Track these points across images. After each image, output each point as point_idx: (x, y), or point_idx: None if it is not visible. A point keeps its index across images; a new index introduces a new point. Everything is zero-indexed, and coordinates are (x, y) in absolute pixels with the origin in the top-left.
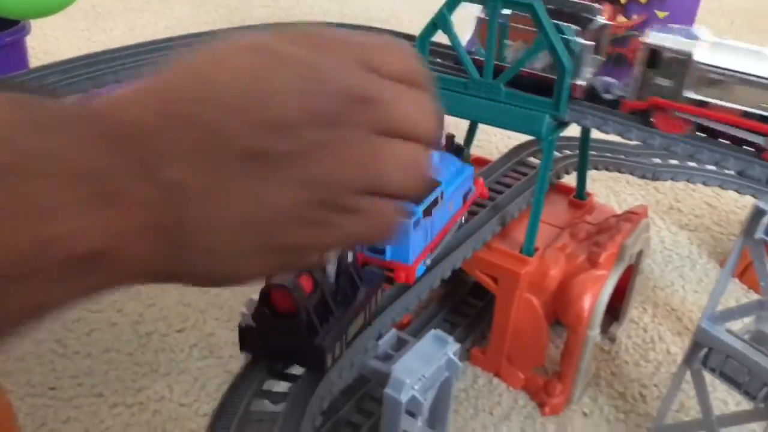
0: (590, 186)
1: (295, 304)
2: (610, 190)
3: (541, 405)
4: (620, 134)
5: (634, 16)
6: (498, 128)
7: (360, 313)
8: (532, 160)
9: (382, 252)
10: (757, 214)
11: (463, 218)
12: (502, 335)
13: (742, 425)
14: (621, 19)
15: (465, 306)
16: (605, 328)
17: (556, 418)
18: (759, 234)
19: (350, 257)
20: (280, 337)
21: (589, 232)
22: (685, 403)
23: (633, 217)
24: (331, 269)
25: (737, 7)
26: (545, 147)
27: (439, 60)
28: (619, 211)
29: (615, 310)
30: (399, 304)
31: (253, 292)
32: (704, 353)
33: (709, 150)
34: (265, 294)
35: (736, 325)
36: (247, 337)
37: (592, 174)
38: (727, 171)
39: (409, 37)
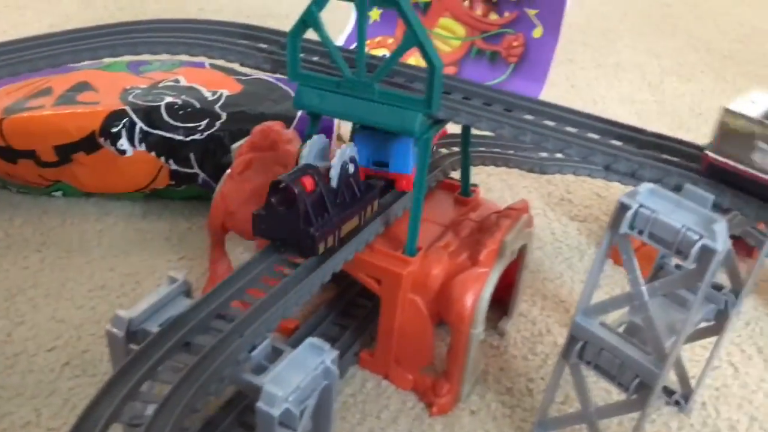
0: (485, 180)
1: (296, 197)
2: (505, 184)
3: (429, 405)
4: (493, 130)
5: (506, 14)
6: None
7: (355, 215)
8: None
9: (386, 165)
10: (621, 208)
11: None
12: (389, 337)
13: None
14: (494, 16)
15: (354, 308)
16: (495, 323)
17: (443, 418)
18: (623, 229)
19: (352, 169)
20: (282, 224)
21: (471, 229)
22: (570, 395)
23: (513, 213)
24: (335, 173)
25: None
26: (420, 146)
27: (316, 58)
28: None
29: (504, 304)
30: (274, 312)
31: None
32: (580, 346)
33: (577, 145)
34: (274, 187)
35: (613, 316)
36: (257, 223)
37: (487, 168)
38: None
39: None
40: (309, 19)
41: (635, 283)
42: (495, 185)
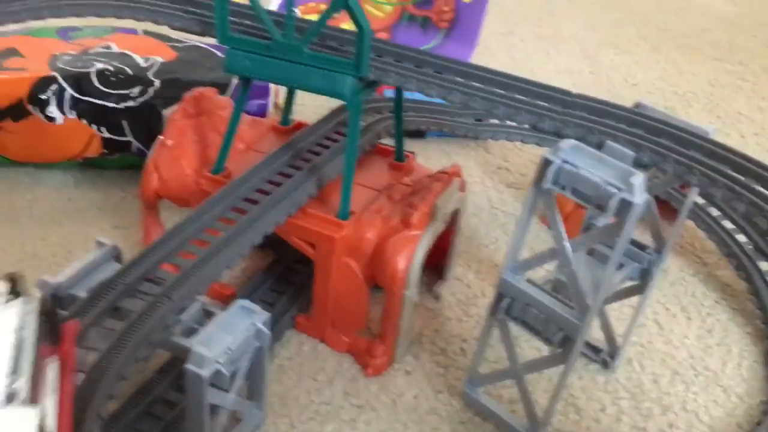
0: (423, 148)
1: None
2: (442, 152)
3: (364, 367)
4: (421, 91)
5: None
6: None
7: None
8: None
9: None
10: (544, 164)
11: None
12: (324, 300)
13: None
14: None
15: (292, 273)
16: (430, 287)
17: (378, 378)
18: (547, 184)
19: None
20: None
21: (404, 193)
22: (502, 355)
23: (444, 177)
24: None
25: None
26: (351, 109)
27: (248, 22)
28: None
29: (440, 269)
30: (203, 275)
31: None
32: (507, 303)
33: (503, 105)
34: None
35: (540, 273)
36: None
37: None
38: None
39: None
40: None
41: (559, 237)
42: (433, 154)
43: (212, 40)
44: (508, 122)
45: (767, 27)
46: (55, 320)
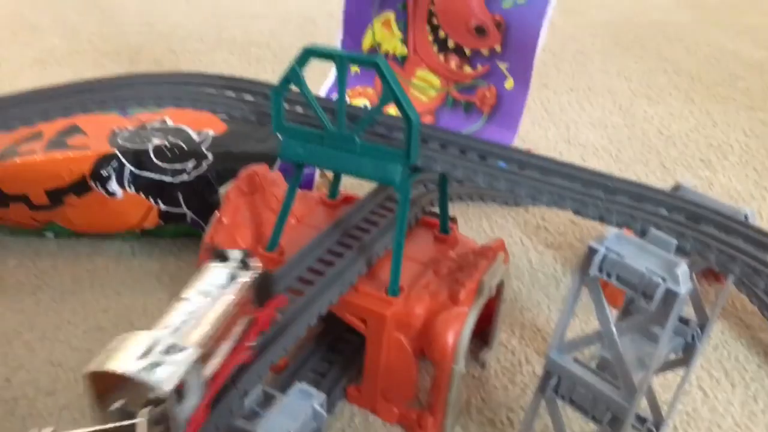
0: (463, 210)
1: None
2: (482, 213)
3: None
4: (468, 179)
5: (479, 67)
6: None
7: None
8: None
9: None
10: (589, 253)
11: None
12: (375, 373)
13: None
14: (467, 69)
15: (341, 343)
16: (476, 353)
17: None
18: (593, 272)
19: None
20: None
21: (450, 268)
22: (549, 425)
23: (489, 253)
24: None
25: (600, 20)
26: (401, 194)
27: (299, 108)
28: (486, 238)
29: (485, 335)
30: (265, 359)
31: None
32: (555, 381)
33: (548, 192)
34: None
35: (588, 350)
36: None
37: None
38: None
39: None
40: (293, 77)
41: (605, 322)
42: (473, 214)
43: None
44: None
45: None
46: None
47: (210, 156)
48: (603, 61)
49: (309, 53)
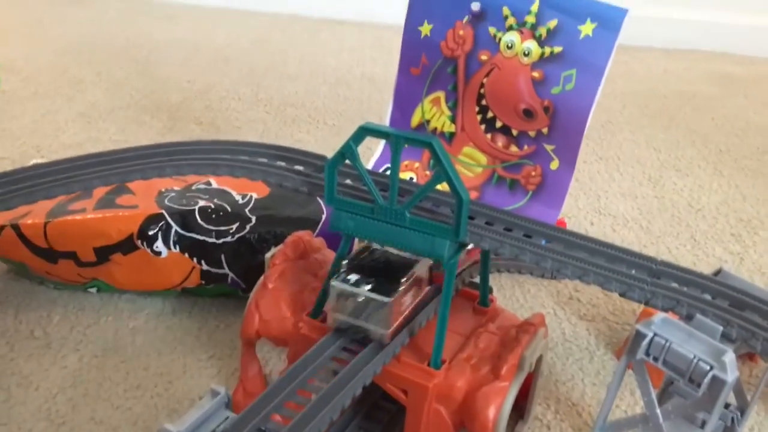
0: (497, 279)
1: None
2: (516, 282)
3: None
4: (515, 257)
5: (525, 147)
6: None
7: None
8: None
9: None
10: (637, 336)
11: None
12: None
13: None
14: (513, 149)
15: (378, 410)
16: (512, 427)
17: None
18: (640, 355)
19: None
20: None
21: (491, 342)
22: None
23: (530, 328)
24: None
25: (629, 90)
26: (448, 269)
27: (348, 181)
28: (519, 308)
29: (520, 408)
30: (312, 427)
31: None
32: None
33: (594, 273)
34: None
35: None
36: None
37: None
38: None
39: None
40: (347, 152)
41: (650, 406)
42: (506, 283)
43: None
44: None
45: None
46: None
47: (253, 219)
48: (632, 131)
49: (365, 131)
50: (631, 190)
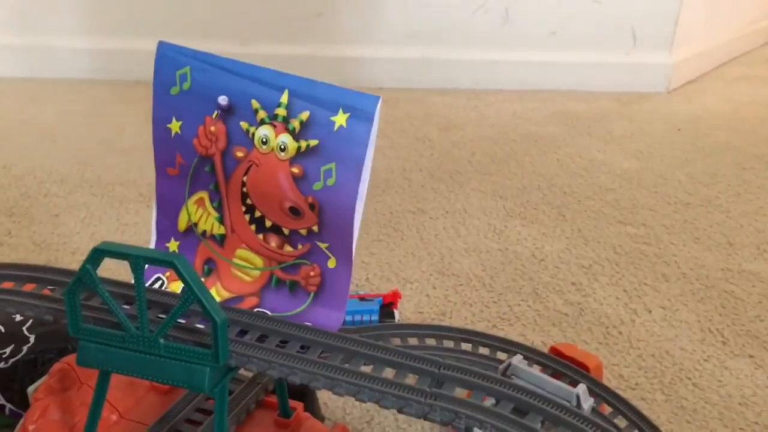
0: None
1: None
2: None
3: None
4: (286, 377)
5: (299, 246)
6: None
7: None
8: None
9: None
10: None
11: None
12: None
13: None
14: (288, 248)
15: None
16: None
17: None
18: None
19: None
20: None
21: None
22: None
23: None
24: None
25: (477, 136)
26: (216, 398)
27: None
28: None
29: None
30: None
31: None
32: None
33: (368, 389)
34: None
35: None
36: None
37: None
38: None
39: None
40: (85, 278)
41: None
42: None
43: None
44: None
45: (667, 182)
46: None
47: (32, 338)
48: (479, 180)
49: (100, 253)
50: (475, 244)
